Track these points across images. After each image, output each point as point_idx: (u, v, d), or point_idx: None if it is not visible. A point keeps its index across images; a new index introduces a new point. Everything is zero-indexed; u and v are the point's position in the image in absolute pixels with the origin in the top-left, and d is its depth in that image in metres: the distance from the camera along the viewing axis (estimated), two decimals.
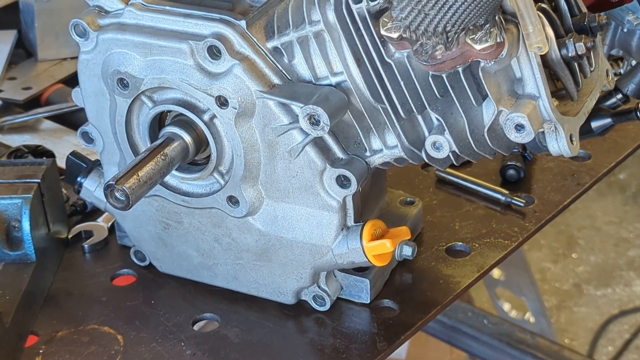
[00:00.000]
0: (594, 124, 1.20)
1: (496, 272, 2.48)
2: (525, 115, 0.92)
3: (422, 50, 0.90)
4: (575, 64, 0.98)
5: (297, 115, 0.97)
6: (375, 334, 1.07)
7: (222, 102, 1.00)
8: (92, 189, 1.16)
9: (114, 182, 0.97)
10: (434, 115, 0.98)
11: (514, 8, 0.90)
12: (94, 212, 1.27)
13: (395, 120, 0.99)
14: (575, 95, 1.00)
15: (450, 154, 0.99)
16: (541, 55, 0.93)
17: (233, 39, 0.99)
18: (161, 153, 1.01)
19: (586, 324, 2.87)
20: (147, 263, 1.17)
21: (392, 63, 0.96)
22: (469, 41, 0.88)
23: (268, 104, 0.99)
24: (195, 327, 1.10)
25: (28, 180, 1.14)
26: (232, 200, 1.06)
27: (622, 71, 1.31)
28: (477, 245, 1.19)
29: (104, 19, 1.05)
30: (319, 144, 1.01)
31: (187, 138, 1.03)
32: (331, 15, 0.96)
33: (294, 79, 1.00)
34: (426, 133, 1.00)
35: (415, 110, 0.98)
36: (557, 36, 0.96)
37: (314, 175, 1.02)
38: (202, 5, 1.02)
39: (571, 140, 0.97)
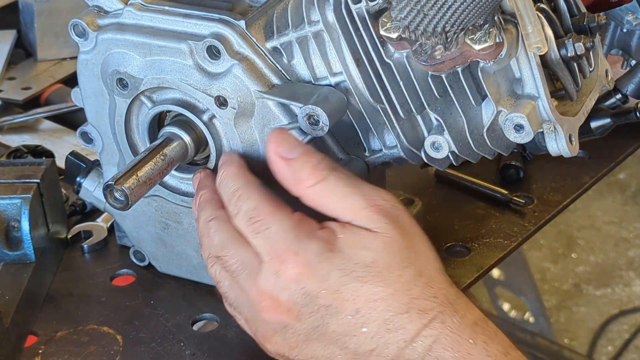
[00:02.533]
0: (594, 124, 1.20)
1: (496, 272, 2.48)
2: (525, 115, 0.92)
3: (421, 51, 0.90)
4: (575, 64, 0.98)
5: (297, 116, 0.97)
6: None
7: (222, 102, 1.00)
8: (91, 189, 1.16)
9: (113, 182, 0.97)
10: (433, 116, 0.98)
11: (513, 8, 0.90)
12: (94, 212, 1.27)
13: (394, 121, 0.99)
14: (575, 95, 1.00)
15: (449, 154, 0.98)
16: (540, 56, 0.93)
17: (232, 39, 0.99)
18: (160, 153, 1.01)
19: (586, 324, 2.87)
20: (146, 263, 1.17)
21: (391, 63, 0.96)
22: (468, 41, 0.88)
23: (267, 104, 0.99)
24: (195, 327, 1.10)
25: (27, 180, 1.14)
26: None
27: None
28: (476, 245, 1.19)
29: (103, 19, 1.05)
30: (318, 144, 1.01)
31: (187, 138, 1.03)
32: (330, 16, 0.96)
33: (293, 79, 1.00)
34: (425, 133, 1.00)
35: (414, 111, 0.98)
36: (557, 36, 0.96)
37: None
38: (202, 6, 1.02)
39: (570, 141, 0.97)
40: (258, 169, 1.01)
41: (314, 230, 0.92)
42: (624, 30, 1.26)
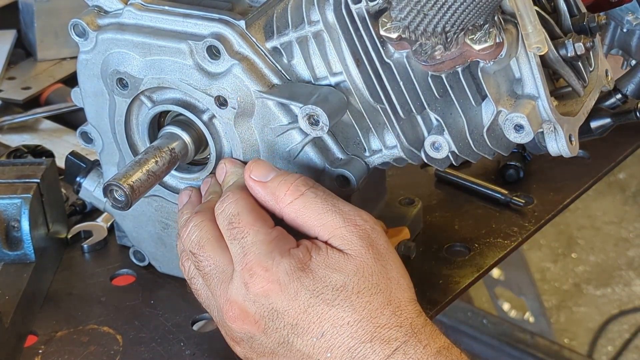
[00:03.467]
0: (594, 124, 1.20)
1: (496, 272, 2.48)
2: (525, 115, 0.92)
3: (421, 51, 0.90)
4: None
5: (297, 116, 0.97)
6: None
7: (222, 102, 1.00)
8: (91, 189, 1.16)
9: (113, 182, 0.97)
10: (433, 116, 0.98)
11: (513, 8, 0.90)
12: (94, 212, 1.27)
13: (394, 121, 0.99)
14: (582, 90, 0.99)
15: (449, 154, 0.99)
16: (540, 55, 0.93)
17: (232, 39, 0.99)
18: (160, 153, 1.01)
19: (586, 323, 2.87)
20: (146, 263, 1.17)
21: (391, 63, 0.96)
22: (468, 41, 0.88)
23: (267, 104, 0.99)
24: (195, 327, 1.10)
25: (27, 180, 1.14)
26: None
27: None
28: (476, 245, 1.19)
29: (103, 19, 1.05)
30: (318, 144, 1.01)
31: (187, 138, 1.03)
32: (330, 16, 0.96)
33: (293, 79, 1.00)
34: (425, 133, 1.00)
35: (414, 111, 0.98)
36: (552, 37, 0.96)
37: (313, 176, 1.01)
38: (202, 5, 1.02)
39: (570, 141, 0.97)
40: None
41: (288, 248, 0.92)
42: (624, 30, 1.26)
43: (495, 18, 0.88)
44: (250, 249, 0.91)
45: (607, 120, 1.22)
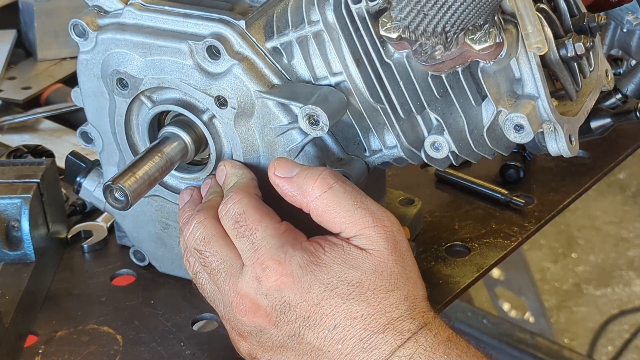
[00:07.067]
0: (594, 124, 1.20)
1: (496, 272, 2.48)
2: (525, 115, 0.92)
3: (421, 51, 0.90)
4: (575, 64, 0.98)
5: (297, 115, 0.97)
6: None
7: (222, 102, 1.00)
8: (91, 189, 1.16)
9: (113, 182, 0.97)
10: (433, 116, 0.98)
11: (513, 8, 0.90)
12: (94, 212, 1.27)
13: (394, 121, 0.99)
14: (574, 95, 1.00)
15: (449, 154, 0.99)
16: (540, 56, 0.93)
17: (232, 39, 0.99)
18: (160, 153, 1.01)
19: (586, 323, 2.87)
20: (146, 263, 1.17)
21: (391, 63, 0.96)
22: (468, 41, 0.88)
23: (267, 104, 0.99)
24: (195, 327, 1.10)
25: (27, 180, 1.14)
26: None
27: (621, 71, 1.31)
28: (476, 245, 1.19)
29: (103, 19, 1.05)
30: (319, 144, 1.01)
31: (187, 138, 1.03)
32: (330, 16, 0.96)
33: (294, 79, 1.00)
34: (425, 133, 1.00)
35: (414, 111, 0.98)
36: (556, 37, 0.96)
37: None
38: (202, 6, 1.02)
39: (570, 141, 0.97)
40: (256, 171, 1.01)
41: (299, 241, 0.92)
42: (624, 30, 1.26)
43: (495, 18, 0.88)
44: (261, 244, 0.91)
45: (607, 120, 1.22)
